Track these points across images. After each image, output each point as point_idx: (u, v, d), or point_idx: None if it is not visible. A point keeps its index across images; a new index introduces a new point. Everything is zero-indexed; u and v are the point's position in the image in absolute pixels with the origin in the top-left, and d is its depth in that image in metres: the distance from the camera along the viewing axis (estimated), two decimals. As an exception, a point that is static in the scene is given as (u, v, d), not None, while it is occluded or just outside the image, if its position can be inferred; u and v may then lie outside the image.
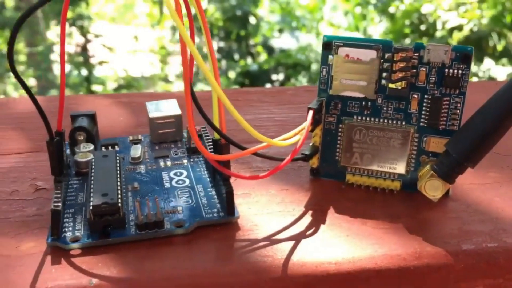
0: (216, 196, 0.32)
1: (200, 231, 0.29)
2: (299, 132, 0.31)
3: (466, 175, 0.33)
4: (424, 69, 0.32)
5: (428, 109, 0.32)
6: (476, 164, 0.30)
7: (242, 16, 3.49)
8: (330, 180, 0.35)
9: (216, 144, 0.30)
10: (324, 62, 0.33)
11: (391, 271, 0.27)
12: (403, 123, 0.33)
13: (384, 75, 0.32)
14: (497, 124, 0.28)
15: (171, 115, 0.38)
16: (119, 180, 0.30)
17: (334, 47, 0.33)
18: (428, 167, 0.31)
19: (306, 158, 0.34)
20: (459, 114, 0.32)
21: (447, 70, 0.31)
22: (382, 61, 0.32)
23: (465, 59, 0.31)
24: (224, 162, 0.29)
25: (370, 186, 0.34)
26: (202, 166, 0.35)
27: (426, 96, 0.32)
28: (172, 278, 0.26)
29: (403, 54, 0.32)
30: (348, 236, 0.29)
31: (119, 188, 0.30)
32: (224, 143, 0.29)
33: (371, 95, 0.33)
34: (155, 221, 0.28)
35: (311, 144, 0.35)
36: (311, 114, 0.31)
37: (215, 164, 0.29)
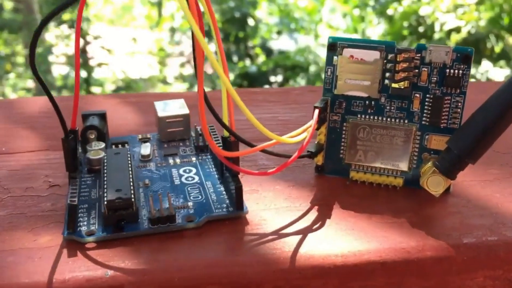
0: (225, 192, 0.33)
1: (210, 225, 0.30)
2: (305, 130, 0.32)
3: (467, 172, 0.34)
4: (426, 69, 0.33)
5: (429, 108, 0.33)
6: (477, 160, 0.31)
7: (240, 18, 3.49)
8: (335, 177, 0.36)
9: (225, 141, 0.31)
10: (329, 63, 0.34)
11: (395, 263, 0.28)
12: (406, 121, 0.34)
13: (387, 75, 0.33)
14: (496, 122, 0.29)
15: (180, 114, 0.39)
16: (131, 176, 0.31)
17: (339, 48, 0.34)
18: (430, 164, 0.32)
19: (312, 155, 0.35)
20: (460, 112, 0.33)
21: (448, 70, 0.32)
22: (385, 61, 0.33)
23: (465, 60, 0.32)
24: (233, 158, 0.30)
25: (374, 182, 0.35)
26: (210, 163, 0.36)
27: (428, 96, 0.33)
28: (185, 268, 0.27)
29: (406, 55, 0.33)
30: (354, 230, 0.30)
31: (131, 184, 0.31)
32: (234, 140, 0.30)
33: (374, 94, 0.34)
34: (167, 215, 0.29)
35: (316, 142, 0.36)
36: (316, 113, 0.32)
37: (225, 160, 0.30)
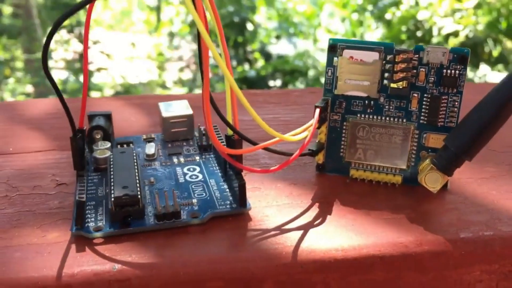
0: (228, 190, 0.33)
1: (214, 222, 0.31)
2: (306, 129, 0.33)
3: (464, 170, 0.35)
4: (423, 69, 0.34)
5: (427, 107, 0.34)
6: (473, 157, 0.32)
7: (239, 22, 3.50)
8: (335, 175, 0.37)
9: (229, 140, 0.32)
10: (330, 64, 0.35)
11: (394, 257, 0.29)
12: (404, 120, 0.35)
13: (386, 75, 0.34)
14: (491, 120, 0.30)
15: (184, 114, 0.40)
16: (137, 174, 0.32)
17: (339, 49, 0.35)
18: (428, 161, 0.33)
19: (313, 154, 0.36)
20: (457, 111, 0.34)
21: (445, 71, 0.33)
22: (384, 62, 0.34)
23: (462, 60, 0.33)
24: (236, 156, 0.31)
25: (373, 180, 0.36)
26: (214, 162, 0.37)
27: (425, 95, 0.34)
28: (190, 263, 0.28)
29: (404, 55, 0.34)
30: (353, 226, 0.31)
31: (138, 181, 0.31)
32: (237, 138, 0.31)
33: (374, 94, 0.35)
34: (172, 211, 0.30)
35: (317, 141, 0.36)
36: (317, 112, 0.33)
37: (228, 158, 0.31)
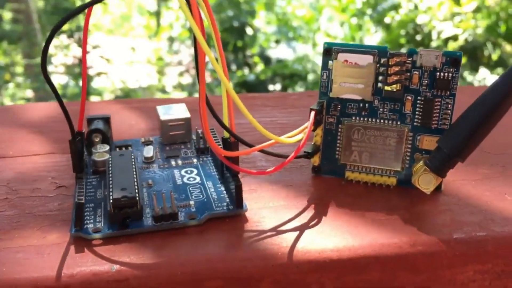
0: (225, 192, 0.34)
1: (211, 223, 0.31)
2: (302, 131, 0.34)
3: (458, 172, 0.36)
4: (417, 72, 0.34)
5: (421, 109, 0.35)
6: (466, 158, 0.32)
7: (239, 27, 3.51)
8: (330, 177, 0.37)
9: (225, 142, 0.32)
10: (325, 67, 0.36)
11: (388, 257, 0.29)
12: (398, 123, 0.35)
13: (380, 78, 0.35)
14: (483, 122, 0.31)
15: (181, 118, 0.41)
16: (135, 176, 0.33)
17: (333, 53, 0.35)
18: (422, 163, 0.33)
19: (308, 156, 0.36)
20: (450, 114, 0.34)
21: (438, 74, 0.34)
22: (378, 65, 0.35)
23: (454, 63, 0.33)
24: (233, 158, 0.32)
25: (368, 182, 0.36)
26: (211, 164, 0.38)
27: (419, 98, 0.35)
28: (187, 263, 0.28)
29: (398, 59, 0.34)
30: (349, 227, 0.31)
31: (136, 183, 0.32)
32: (234, 141, 0.32)
33: (368, 97, 0.35)
34: (170, 213, 0.31)
35: (313, 143, 0.37)
36: (313, 115, 0.34)
37: (225, 160, 0.32)
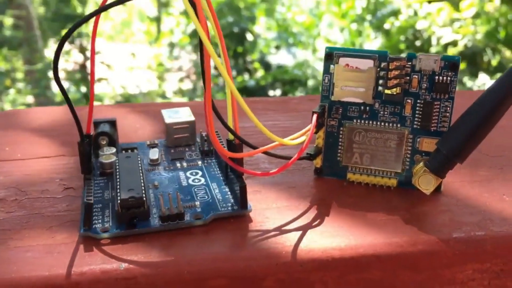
0: (229, 193, 0.35)
1: (217, 223, 0.32)
2: (304, 133, 0.34)
3: (457, 174, 0.37)
4: (416, 76, 0.35)
5: (420, 112, 0.35)
6: (464, 159, 0.33)
7: (239, 33, 3.53)
8: (332, 179, 0.38)
9: (230, 144, 0.33)
10: (326, 71, 0.37)
11: (389, 257, 0.30)
12: (399, 125, 0.36)
13: (380, 82, 0.36)
14: (481, 125, 0.32)
15: (186, 121, 0.41)
16: (142, 178, 0.34)
17: (335, 57, 0.36)
18: (421, 164, 0.34)
19: (311, 158, 0.37)
20: (449, 116, 0.35)
21: (437, 77, 0.35)
22: (378, 69, 0.36)
23: (453, 67, 0.34)
24: (237, 160, 0.33)
25: (369, 183, 0.37)
26: (215, 166, 0.39)
27: (418, 101, 0.35)
28: (194, 262, 0.29)
29: (397, 63, 0.35)
30: (350, 227, 0.32)
31: (143, 184, 0.33)
32: (238, 143, 0.33)
33: (369, 100, 0.36)
34: (176, 213, 0.31)
35: (315, 145, 0.38)
36: (315, 118, 0.35)
37: (229, 161, 0.32)
